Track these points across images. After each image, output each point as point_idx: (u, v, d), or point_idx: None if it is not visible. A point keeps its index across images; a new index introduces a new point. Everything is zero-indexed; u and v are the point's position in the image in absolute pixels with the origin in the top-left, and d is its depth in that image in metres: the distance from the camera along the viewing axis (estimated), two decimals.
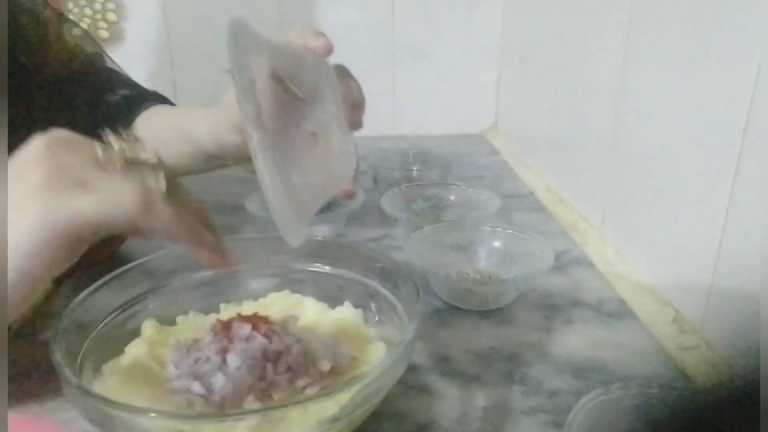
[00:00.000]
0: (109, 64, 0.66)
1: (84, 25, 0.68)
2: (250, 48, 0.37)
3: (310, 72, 0.43)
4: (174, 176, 0.37)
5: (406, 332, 0.41)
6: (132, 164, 0.35)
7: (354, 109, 0.49)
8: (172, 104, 0.62)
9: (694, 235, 0.55)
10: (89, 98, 0.59)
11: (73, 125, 0.58)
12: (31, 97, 0.57)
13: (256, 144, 0.33)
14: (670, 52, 0.59)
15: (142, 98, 0.59)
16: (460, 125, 1.26)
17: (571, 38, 0.85)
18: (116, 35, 1.15)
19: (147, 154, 0.36)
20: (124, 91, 0.60)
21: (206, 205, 0.41)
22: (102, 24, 1.15)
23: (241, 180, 0.96)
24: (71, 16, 0.68)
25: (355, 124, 0.50)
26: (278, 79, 0.41)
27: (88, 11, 1.13)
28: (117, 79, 0.64)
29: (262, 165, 0.33)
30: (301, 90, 0.42)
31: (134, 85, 0.63)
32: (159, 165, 0.36)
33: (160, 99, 0.61)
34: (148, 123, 0.56)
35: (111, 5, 1.14)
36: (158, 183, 0.35)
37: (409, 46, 1.21)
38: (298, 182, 0.37)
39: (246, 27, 0.38)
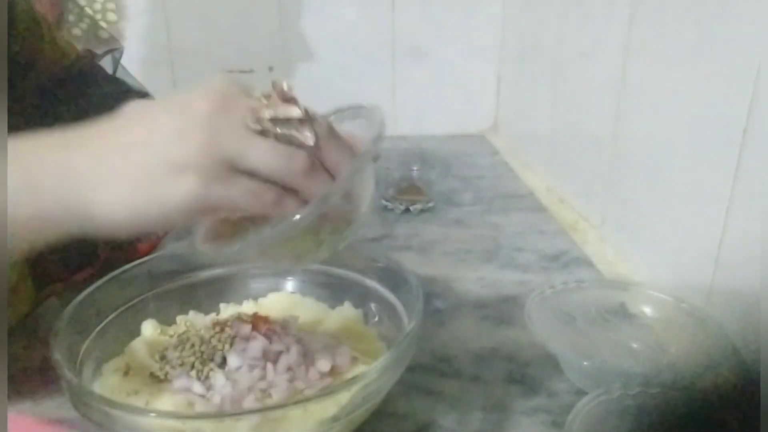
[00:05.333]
0: (103, 63, 0.67)
1: (84, 25, 0.68)
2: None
3: None
4: (327, 124, 0.37)
5: (406, 332, 0.42)
6: (280, 122, 0.35)
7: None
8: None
9: (694, 235, 0.55)
10: (75, 92, 0.60)
11: (59, 118, 0.58)
12: (23, 92, 0.57)
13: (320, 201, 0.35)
14: (670, 52, 0.59)
15: (125, 93, 0.60)
16: (460, 125, 1.26)
17: (571, 38, 0.85)
18: (116, 35, 1.15)
19: (294, 110, 0.36)
20: (108, 88, 0.61)
21: None
22: (102, 24, 1.15)
23: None
24: (71, 17, 0.67)
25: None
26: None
27: (88, 11, 1.13)
28: (105, 76, 0.64)
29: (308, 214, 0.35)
30: None
31: (122, 83, 0.64)
32: (306, 119, 0.36)
33: (141, 95, 0.62)
34: None
35: (111, 5, 1.14)
36: (305, 138, 0.35)
37: (409, 46, 1.21)
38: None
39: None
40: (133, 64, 0.71)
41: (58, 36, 0.60)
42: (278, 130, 0.35)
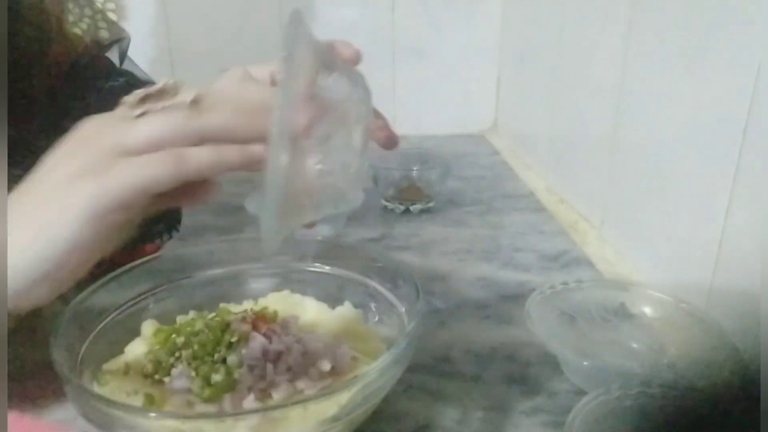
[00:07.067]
0: (113, 56, 0.67)
1: (84, 26, 0.68)
2: (303, 41, 0.36)
3: (343, 78, 0.42)
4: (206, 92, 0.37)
5: (406, 332, 0.42)
6: (153, 98, 0.36)
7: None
8: None
9: (694, 235, 0.55)
10: (83, 85, 0.59)
11: (67, 112, 0.57)
12: (31, 85, 0.57)
13: (277, 132, 0.32)
14: (670, 52, 0.59)
15: (133, 86, 0.60)
16: (460, 125, 1.26)
17: (571, 38, 0.85)
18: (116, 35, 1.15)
19: (159, 83, 0.36)
20: (119, 80, 0.61)
21: (206, 207, 0.41)
22: (102, 24, 1.15)
23: (241, 180, 0.96)
24: (71, 17, 0.67)
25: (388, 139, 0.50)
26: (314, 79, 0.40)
27: (88, 11, 1.13)
28: (113, 68, 0.64)
29: (274, 155, 0.32)
30: (331, 96, 0.40)
31: (131, 75, 0.64)
32: (175, 85, 0.36)
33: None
34: None
35: (111, 5, 1.14)
36: (184, 97, 0.36)
37: (409, 46, 1.20)
38: (301, 186, 0.37)
39: (303, 21, 0.37)
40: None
41: (66, 28, 0.60)
42: (156, 105, 0.35)
